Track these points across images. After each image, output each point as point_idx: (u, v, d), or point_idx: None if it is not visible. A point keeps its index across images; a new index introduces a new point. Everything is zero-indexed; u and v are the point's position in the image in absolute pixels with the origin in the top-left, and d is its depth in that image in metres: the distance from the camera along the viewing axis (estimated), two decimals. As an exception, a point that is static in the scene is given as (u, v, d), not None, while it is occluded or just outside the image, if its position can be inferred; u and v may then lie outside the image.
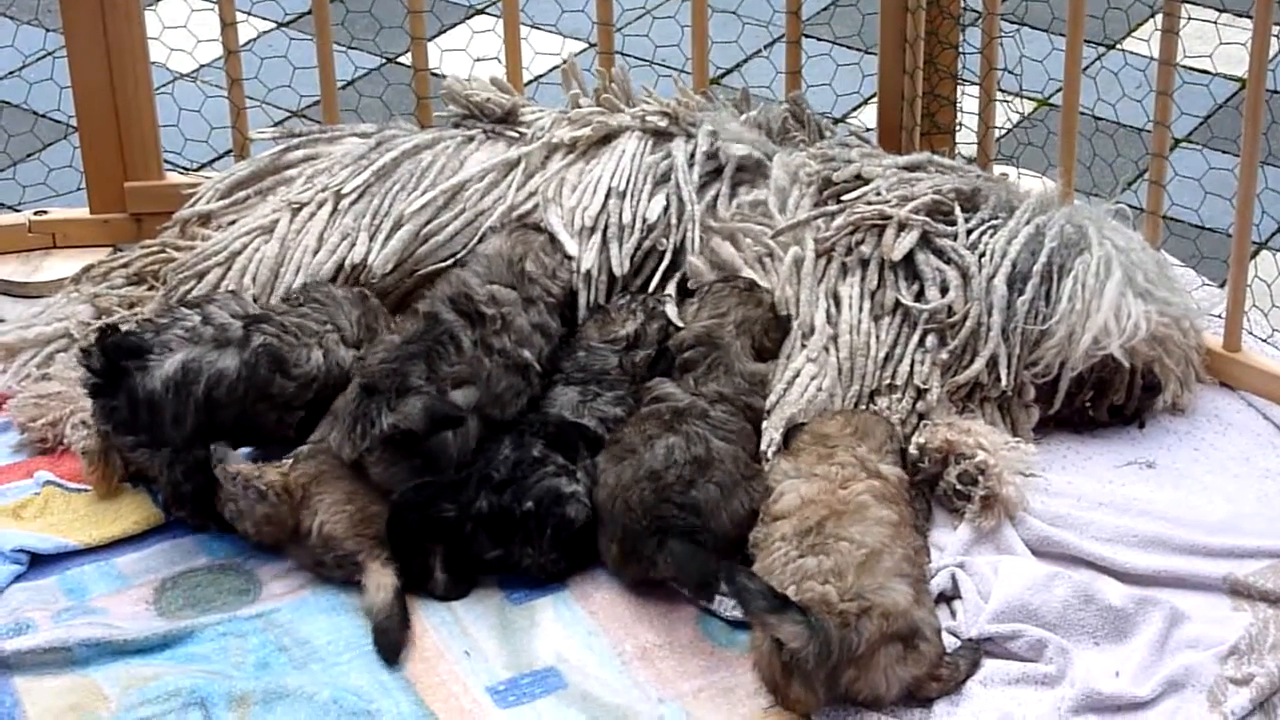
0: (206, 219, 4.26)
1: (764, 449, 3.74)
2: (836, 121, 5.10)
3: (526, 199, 4.13)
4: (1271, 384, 4.07)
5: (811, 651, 3.28)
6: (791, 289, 3.96)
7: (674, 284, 4.03)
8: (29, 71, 5.49)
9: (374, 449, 3.64)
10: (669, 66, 5.34)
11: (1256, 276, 4.47)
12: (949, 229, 3.97)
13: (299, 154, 4.29)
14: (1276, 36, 4.02)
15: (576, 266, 4.02)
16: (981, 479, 3.71)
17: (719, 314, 3.90)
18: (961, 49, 4.45)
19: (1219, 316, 4.14)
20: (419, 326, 3.80)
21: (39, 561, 3.72)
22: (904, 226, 3.97)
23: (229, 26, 4.45)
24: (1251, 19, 3.98)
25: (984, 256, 3.93)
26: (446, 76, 4.36)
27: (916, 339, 3.90)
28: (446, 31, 5.70)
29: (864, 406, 3.84)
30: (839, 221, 3.99)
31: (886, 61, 4.45)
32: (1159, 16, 4.08)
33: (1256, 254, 4.76)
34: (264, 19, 5.75)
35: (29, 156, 5.20)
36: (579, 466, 3.68)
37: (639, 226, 4.07)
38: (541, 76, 5.43)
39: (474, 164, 4.18)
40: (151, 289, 4.22)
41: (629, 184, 4.11)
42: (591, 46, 5.32)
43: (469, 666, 3.50)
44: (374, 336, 3.87)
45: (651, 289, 4.03)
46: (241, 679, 3.45)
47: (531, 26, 5.53)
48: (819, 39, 5.54)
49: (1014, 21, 5.37)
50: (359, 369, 3.77)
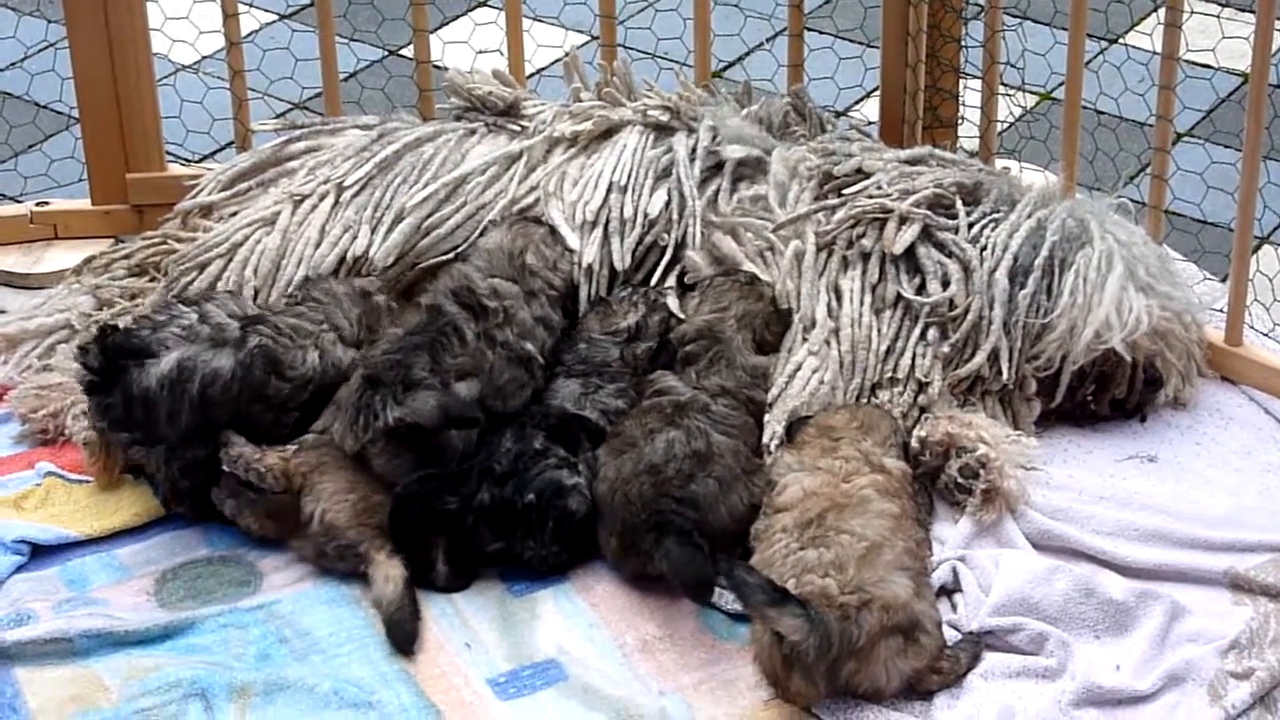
0: (208, 210, 4.25)
1: (766, 442, 3.75)
2: (839, 115, 5.09)
3: (528, 193, 4.12)
4: (1273, 378, 4.07)
5: (812, 644, 3.28)
6: (793, 283, 3.95)
7: (674, 278, 4.03)
8: (31, 63, 5.48)
9: (376, 440, 3.64)
10: (671, 59, 5.33)
11: (1258, 271, 4.46)
12: (950, 223, 3.97)
13: (301, 146, 4.28)
14: (1279, 31, 4.00)
15: (578, 261, 4.02)
16: (983, 472, 3.71)
17: (720, 308, 3.90)
18: (964, 42, 4.44)
19: (1221, 311, 4.13)
20: (422, 319, 3.80)
21: (40, 552, 3.72)
22: (905, 220, 3.96)
23: (231, 18, 4.45)
24: (1254, 13, 3.98)
25: (985, 250, 3.93)
26: (448, 69, 4.35)
27: (918, 332, 3.90)
28: (449, 24, 5.70)
29: (865, 400, 3.84)
30: (840, 215, 3.99)
31: (889, 55, 4.44)
32: (1161, 10, 4.08)
33: (1258, 248, 4.76)
34: (266, 10, 5.74)
35: (31, 148, 5.20)
36: (580, 459, 3.68)
37: (640, 221, 4.06)
38: (544, 69, 5.43)
39: (476, 157, 4.17)
40: (153, 280, 4.21)
41: (630, 179, 4.10)
42: (594, 39, 5.32)
43: (470, 658, 3.50)
44: (375, 335, 3.86)
45: (653, 284, 4.03)
46: (242, 670, 3.45)
47: (534, 19, 5.53)
48: (821, 32, 5.54)
49: (1016, 15, 5.37)
50: (362, 360, 3.77)
